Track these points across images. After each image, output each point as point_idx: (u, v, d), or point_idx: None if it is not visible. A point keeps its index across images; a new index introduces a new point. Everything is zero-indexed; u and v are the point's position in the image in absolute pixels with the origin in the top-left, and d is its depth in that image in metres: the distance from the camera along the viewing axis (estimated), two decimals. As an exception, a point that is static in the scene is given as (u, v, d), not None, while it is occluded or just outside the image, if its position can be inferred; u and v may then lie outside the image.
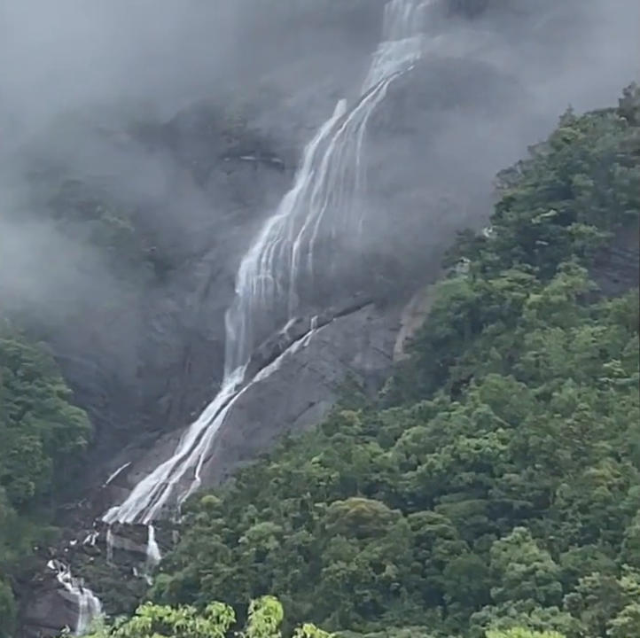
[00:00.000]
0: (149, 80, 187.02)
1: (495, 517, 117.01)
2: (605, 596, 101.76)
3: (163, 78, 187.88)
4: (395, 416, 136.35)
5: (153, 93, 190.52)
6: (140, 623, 22.76)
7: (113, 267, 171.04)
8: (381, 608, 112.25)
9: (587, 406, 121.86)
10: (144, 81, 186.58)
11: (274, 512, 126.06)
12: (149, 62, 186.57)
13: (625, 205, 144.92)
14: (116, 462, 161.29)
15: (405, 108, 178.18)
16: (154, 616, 22.85)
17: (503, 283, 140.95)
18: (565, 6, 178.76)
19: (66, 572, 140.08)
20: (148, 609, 23.09)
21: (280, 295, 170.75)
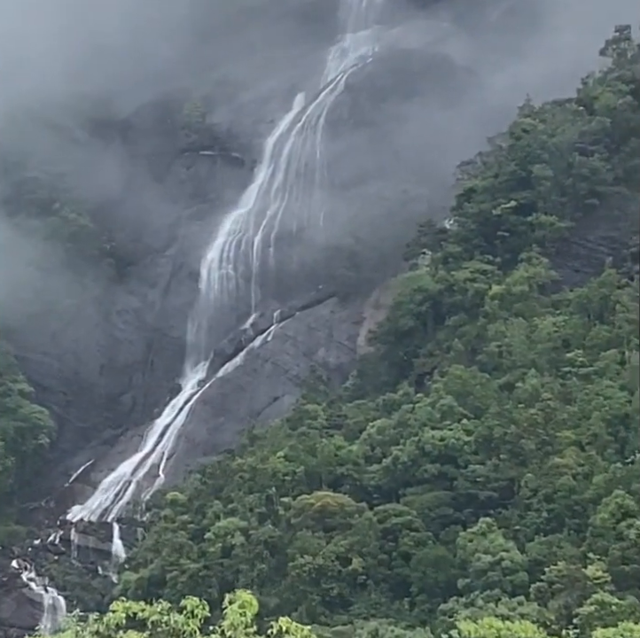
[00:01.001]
0: (104, 75, 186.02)
1: (461, 508, 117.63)
2: (571, 585, 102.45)
3: (119, 73, 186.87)
4: (360, 409, 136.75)
5: (109, 89, 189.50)
6: (114, 619, 22.76)
7: (72, 264, 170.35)
8: (348, 601, 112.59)
9: (550, 396, 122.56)
10: (99, 76, 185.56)
11: (239, 508, 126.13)
12: (103, 57, 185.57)
13: (585, 194, 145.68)
14: (79, 460, 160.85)
15: (364, 101, 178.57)
16: (128, 612, 22.88)
17: (464, 275, 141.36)
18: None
19: (30, 572, 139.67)
20: (122, 605, 23.09)
21: (242, 290, 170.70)
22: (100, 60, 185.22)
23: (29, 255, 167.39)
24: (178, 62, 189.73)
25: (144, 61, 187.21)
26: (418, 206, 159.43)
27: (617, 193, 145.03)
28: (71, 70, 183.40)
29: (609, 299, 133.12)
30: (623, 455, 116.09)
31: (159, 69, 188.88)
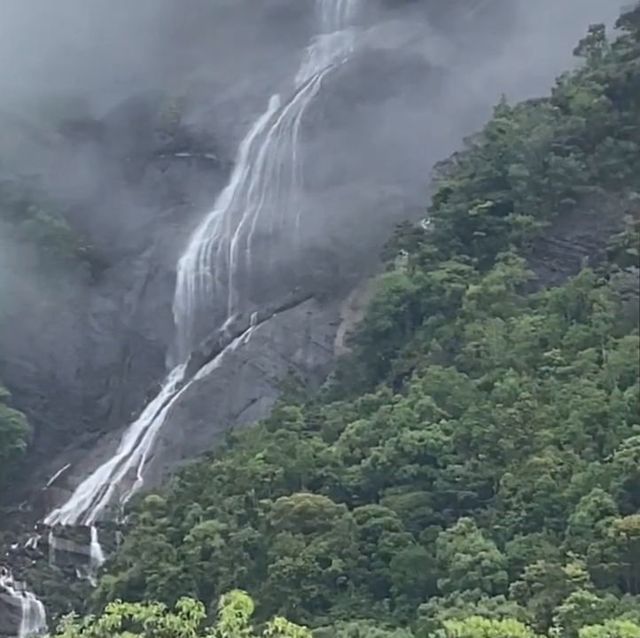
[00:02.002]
0: (77, 77, 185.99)
1: (440, 508, 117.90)
2: (551, 584, 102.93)
3: (92, 75, 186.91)
4: (338, 410, 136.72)
5: (83, 90, 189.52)
6: (110, 621, 22.94)
7: (48, 266, 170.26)
8: (328, 602, 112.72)
9: (528, 395, 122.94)
10: (71, 77, 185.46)
11: (218, 510, 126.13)
12: (75, 58, 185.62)
13: (560, 194, 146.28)
14: (56, 463, 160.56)
15: (339, 102, 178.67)
16: (124, 613, 23.05)
17: (442, 275, 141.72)
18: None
19: (8, 576, 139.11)
20: (117, 606, 23.24)
21: (219, 292, 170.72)
22: (72, 61, 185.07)
23: (4, 258, 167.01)
24: (152, 63, 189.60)
25: (117, 62, 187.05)
26: (395, 206, 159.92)
27: (593, 193, 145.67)
28: (42, 71, 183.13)
29: (586, 299, 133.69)
30: (601, 454, 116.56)
31: (132, 70, 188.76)
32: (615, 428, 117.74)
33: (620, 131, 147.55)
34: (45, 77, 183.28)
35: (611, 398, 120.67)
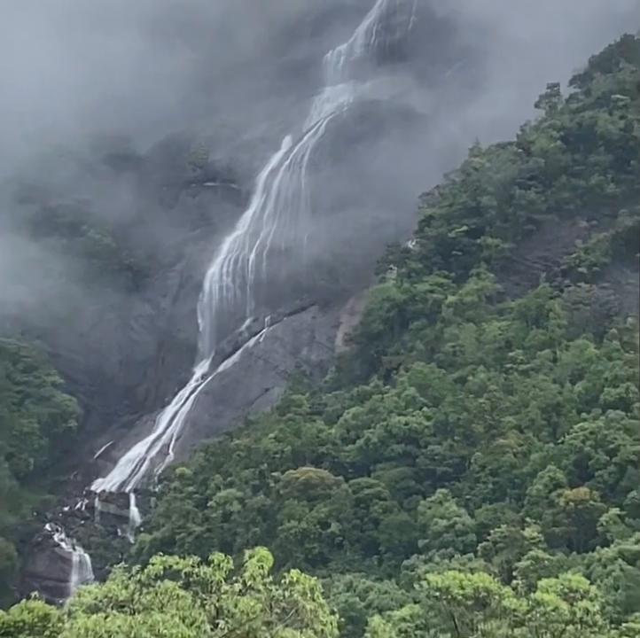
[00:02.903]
0: (122, 119, 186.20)
1: (421, 481, 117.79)
2: (512, 544, 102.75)
3: (134, 117, 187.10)
4: (337, 398, 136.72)
5: (126, 130, 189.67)
6: (153, 570, 22.85)
7: (97, 276, 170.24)
8: (327, 558, 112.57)
9: (495, 388, 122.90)
10: (117, 119, 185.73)
11: (236, 480, 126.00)
12: (120, 104, 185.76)
13: (523, 221, 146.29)
14: (102, 440, 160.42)
15: (341, 142, 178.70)
16: (165, 565, 22.95)
17: (425, 287, 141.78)
18: (470, 57, 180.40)
19: (61, 533, 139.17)
20: (160, 558, 23.16)
21: (239, 299, 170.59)
22: (116, 105, 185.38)
23: (60, 269, 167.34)
24: (184, 109, 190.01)
25: (155, 107, 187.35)
26: (386, 229, 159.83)
27: (550, 220, 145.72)
28: (91, 113, 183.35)
29: (543, 308, 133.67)
30: (555, 437, 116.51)
31: (168, 114, 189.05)
32: (567, 416, 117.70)
33: (572, 170, 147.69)
34: (94, 118, 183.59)
35: (563, 391, 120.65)
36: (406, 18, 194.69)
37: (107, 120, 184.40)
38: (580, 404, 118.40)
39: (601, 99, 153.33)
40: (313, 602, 22.21)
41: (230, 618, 22.20)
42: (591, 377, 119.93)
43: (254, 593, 22.34)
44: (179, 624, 21.22)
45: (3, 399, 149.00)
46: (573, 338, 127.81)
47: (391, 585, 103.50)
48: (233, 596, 22.34)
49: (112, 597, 22.75)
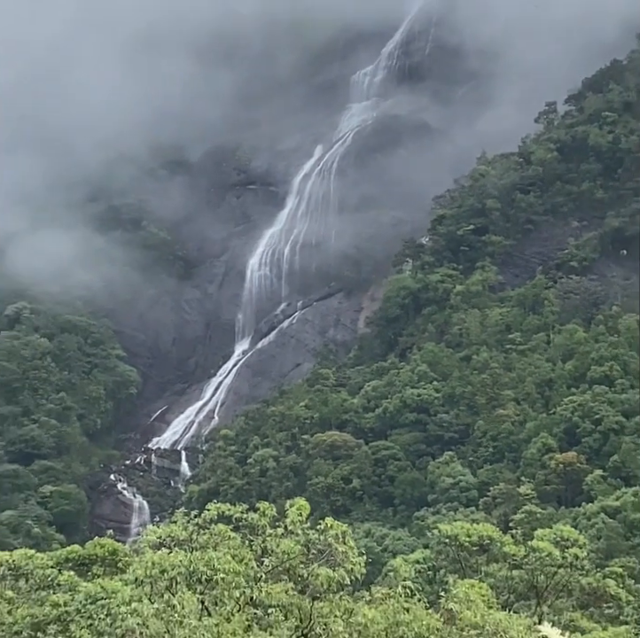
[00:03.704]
0: (176, 130, 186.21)
1: (431, 444, 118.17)
2: (509, 499, 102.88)
3: (186, 129, 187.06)
4: (359, 373, 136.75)
5: (180, 139, 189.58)
6: (209, 515, 23.04)
7: (154, 265, 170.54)
8: (349, 509, 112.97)
9: (496, 365, 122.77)
10: (172, 130, 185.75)
11: (272, 441, 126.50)
12: (174, 116, 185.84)
13: (523, 221, 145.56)
14: (157, 405, 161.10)
15: (365, 151, 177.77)
16: (219, 511, 23.13)
17: (436, 278, 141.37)
18: (478, 79, 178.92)
19: (123, 483, 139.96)
20: (214, 505, 23.31)
21: (275, 286, 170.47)
22: (171, 118, 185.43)
23: (124, 259, 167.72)
24: (229, 121, 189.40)
25: (204, 120, 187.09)
26: (403, 227, 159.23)
27: (546, 221, 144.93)
28: (149, 125, 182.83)
29: (539, 297, 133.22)
30: (547, 408, 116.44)
31: (215, 126, 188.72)
32: (558, 390, 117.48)
33: (566, 178, 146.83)
34: (152, 129, 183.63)
35: (555, 368, 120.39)
36: (423, 44, 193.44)
37: (163, 131, 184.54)
38: (569, 380, 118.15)
39: (592, 116, 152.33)
40: (344, 545, 22.32)
41: (273, 557, 22.39)
42: (580, 357, 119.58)
43: (294, 536, 22.48)
44: (230, 560, 21.41)
45: (75, 368, 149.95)
46: (565, 323, 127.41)
47: (404, 533, 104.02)
48: (276, 539, 22.48)
49: (174, 537, 22.97)
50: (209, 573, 21.11)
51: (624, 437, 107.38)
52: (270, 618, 21.56)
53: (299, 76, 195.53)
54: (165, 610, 19.73)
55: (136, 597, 20.99)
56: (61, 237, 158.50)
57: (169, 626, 19.41)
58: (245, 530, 23.10)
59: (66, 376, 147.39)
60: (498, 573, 31.75)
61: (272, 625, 21.39)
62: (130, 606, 20.47)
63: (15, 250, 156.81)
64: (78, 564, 31.14)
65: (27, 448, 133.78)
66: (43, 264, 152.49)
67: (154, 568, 21.07)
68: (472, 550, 33.23)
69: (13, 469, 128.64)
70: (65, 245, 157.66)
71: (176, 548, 22.33)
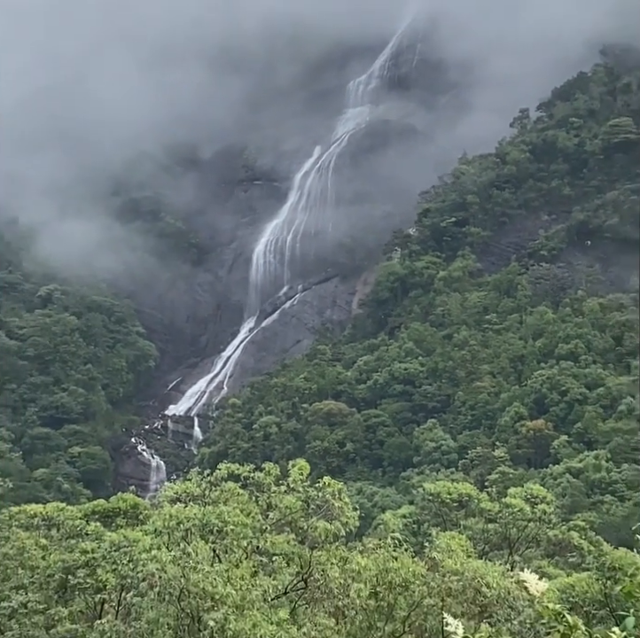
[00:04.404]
0: (190, 130, 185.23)
1: (416, 413, 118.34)
2: (485, 462, 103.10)
3: (199, 130, 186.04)
4: (352, 349, 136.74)
5: (193, 138, 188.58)
6: (220, 474, 23.06)
7: (170, 252, 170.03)
8: (343, 470, 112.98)
9: (474, 342, 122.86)
10: (186, 131, 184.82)
11: (275, 409, 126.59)
12: (189, 118, 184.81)
13: (499, 214, 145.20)
14: (173, 376, 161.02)
15: (359, 152, 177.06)
16: (229, 470, 23.11)
17: (422, 264, 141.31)
18: (459, 88, 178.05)
19: (143, 445, 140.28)
20: (224, 465, 23.30)
21: (278, 271, 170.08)
22: (186, 120, 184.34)
23: (143, 246, 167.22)
24: (238, 124, 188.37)
25: (215, 122, 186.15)
26: (393, 219, 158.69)
27: (519, 214, 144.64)
28: (166, 126, 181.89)
29: (513, 282, 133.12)
30: (519, 381, 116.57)
31: (225, 128, 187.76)
32: (529, 365, 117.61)
33: (537, 176, 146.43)
34: (168, 130, 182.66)
35: (527, 346, 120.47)
36: (411, 57, 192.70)
37: (178, 132, 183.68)
38: (539, 356, 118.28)
39: (561, 121, 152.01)
40: (340, 501, 22.35)
41: (277, 511, 22.40)
42: (548, 336, 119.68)
43: (295, 493, 22.49)
44: (239, 514, 21.44)
45: (100, 343, 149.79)
46: (536, 305, 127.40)
47: (391, 491, 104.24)
48: (279, 495, 22.51)
49: (189, 493, 23.01)
50: (220, 525, 21.14)
51: (587, 406, 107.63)
52: (274, 565, 21.65)
53: (299, 84, 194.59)
54: (181, 557, 19.79)
55: (156, 546, 21.05)
56: (87, 226, 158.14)
57: (185, 571, 19.46)
58: (252, 487, 23.09)
59: (92, 350, 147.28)
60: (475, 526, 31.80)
61: (276, 571, 21.48)
62: (150, 553, 20.50)
63: (46, 237, 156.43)
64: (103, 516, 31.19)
65: (58, 414, 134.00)
66: (71, 250, 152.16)
67: (171, 520, 21.10)
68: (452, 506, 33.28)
69: (45, 432, 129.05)
70: (90, 233, 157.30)
71: (191, 503, 22.35)
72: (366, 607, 20.18)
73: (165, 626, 19.69)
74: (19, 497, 74.70)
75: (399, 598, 20.29)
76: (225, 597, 19.00)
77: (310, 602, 21.38)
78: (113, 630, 21.13)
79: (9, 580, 26.44)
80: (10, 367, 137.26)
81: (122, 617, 22.82)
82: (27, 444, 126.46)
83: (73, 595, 26.59)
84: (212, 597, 19.08)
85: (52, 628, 25.09)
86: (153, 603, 19.87)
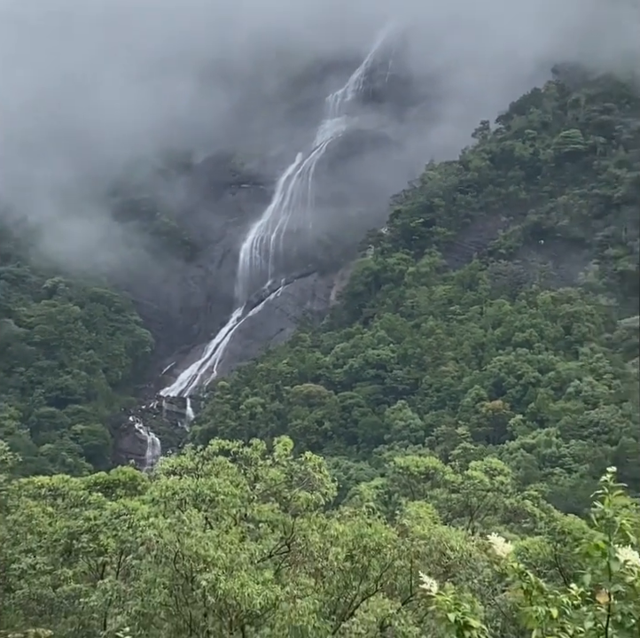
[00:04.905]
0: (184, 137, 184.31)
1: (387, 394, 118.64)
2: (448, 438, 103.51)
3: (192, 137, 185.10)
4: (330, 337, 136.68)
5: (187, 145, 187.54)
6: (212, 449, 23.05)
7: (165, 248, 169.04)
8: (322, 446, 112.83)
9: (440, 331, 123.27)
10: (180, 137, 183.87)
11: (260, 391, 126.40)
12: (183, 126, 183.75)
13: (462, 216, 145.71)
14: (167, 361, 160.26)
15: (336, 158, 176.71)
16: (220, 445, 23.10)
17: (393, 261, 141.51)
18: (427, 101, 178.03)
19: (140, 423, 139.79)
20: (216, 441, 23.27)
21: (263, 266, 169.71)
22: (180, 127, 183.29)
23: (140, 243, 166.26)
24: (227, 132, 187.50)
25: (207, 130, 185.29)
26: (367, 219, 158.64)
27: (480, 216, 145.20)
28: (161, 132, 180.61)
29: (475, 277, 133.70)
30: (480, 366, 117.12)
31: (215, 136, 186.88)
32: (489, 351, 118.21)
33: (496, 182, 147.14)
34: (163, 137, 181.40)
35: (487, 334, 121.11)
36: (384, 72, 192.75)
37: (172, 139, 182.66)
38: (498, 343, 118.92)
39: (517, 133, 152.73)
40: (320, 473, 22.42)
41: (263, 482, 22.45)
42: (506, 325, 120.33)
43: (280, 466, 22.54)
44: (229, 485, 21.46)
45: (102, 330, 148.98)
46: (495, 298, 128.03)
47: (365, 464, 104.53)
48: (265, 468, 22.53)
49: (183, 466, 22.99)
50: (211, 495, 21.16)
51: (539, 389, 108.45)
52: (260, 531, 21.70)
53: (283, 96, 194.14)
54: (176, 524, 19.82)
55: (153, 513, 21.06)
56: (88, 224, 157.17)
57: (179, 536, 19.50)
58: (240, 461, 23.09)
59: (94, 337, 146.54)
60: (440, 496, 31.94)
61: (262, 536, 21.53)
62: (148, 520, 20.52)
63: (51, 235, 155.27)
64: (104, 487, 31.14)
65: (62, 395, 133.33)
66: (74, 246, 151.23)
67: (168, 491, 21.11)
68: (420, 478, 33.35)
69: (51, 411, 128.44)
70: (91, 231, 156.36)
71: (185, 475, 22.34)
72: (343, 568, 20.32)
73: (161, 585, 19.75)
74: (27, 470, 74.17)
75: (372, 560, 20.45)
76: (216, 560, 19.07)
77: (293, 564, 21.49)
78: (114, 589, 21.16)
79: (19, 544, 26.46)
80: (18, 352, 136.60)
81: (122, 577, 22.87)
82: (34, 422, 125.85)
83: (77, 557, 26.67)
84: (204, 560, 19.14)
85: (58, 587, 25.17)
86: (151, 565, 19.92)
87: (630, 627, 4.54)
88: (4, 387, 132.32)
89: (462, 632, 4.93)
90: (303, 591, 19.65)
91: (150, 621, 19.82)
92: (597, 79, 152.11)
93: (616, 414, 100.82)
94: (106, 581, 21.89)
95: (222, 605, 18.65)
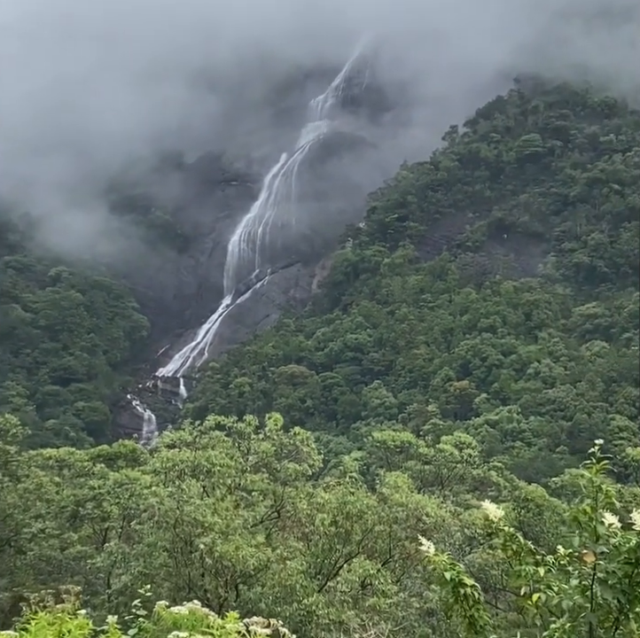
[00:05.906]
0: (176, 139, 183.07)
1: (365, 375, 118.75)
2: (420, 415, 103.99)
3: (184, 139, 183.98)
4: (312, 322, 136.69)
5: (179, 146, 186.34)
6: (208, 424, 23.06)
7: (160, 240, 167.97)
8: (304, 422, 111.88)
9: (413, 318, 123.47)
10: (173, 139, 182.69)
11: (248, 372, 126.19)
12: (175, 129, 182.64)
13: (433, 212, 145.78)
14: (162, 344, 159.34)
15: (318, 158, 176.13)
16: (216, 421, 23.10)
17: (370, 252, 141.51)
18: (400, 106, 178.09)
19: (137, 401, 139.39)
20: (213, 417, 23.27)
21: (251, 257, 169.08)
22: (173, 130, 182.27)
23: (137, 235, 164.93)
24: (217, 134, 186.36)
25: (198, 132, 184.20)
26: (346, 215, 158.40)
27: (450, 212, 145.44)
28: (156, 135, 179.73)
29: (444, 268, 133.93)
30: (449, 349, 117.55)
31: (206, 137, 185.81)
32: (457, 336, 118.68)
33: (464, 181, 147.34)
34: (158, 138, 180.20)
35: (455, 320, 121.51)
36: (361, 80, 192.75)
37: (166, 139, 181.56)
38: (465, 329, 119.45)
39: (483, 136, 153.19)
40: (308, 446, 22.49)
41: (255, 455, 22.46)
42: (472, 312, 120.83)
43: (271, 440, 22.57)
44: (224, 457, 21.49)
45: (102, 316, 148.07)
46: (462, 287, 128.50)
47: (344, 439, 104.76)
48: (258, 442, 22.58)
49: (182, 440, 22.99)
50: (208, 466, 21.17)
51: (502, 370, 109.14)
52: (253, 499, 21.73)
53: (268, 101, 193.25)
54: (176, 493, 19.80)
55: (155, 483, 21.04)
56: (88, 218, 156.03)
57: (179, 503, 19.49)
58: (234, 435, 23.11)
59: (95, 321, 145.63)
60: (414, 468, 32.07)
61: (254, 504, 21.57)
62: (151, 489, 20.50)
63: (54, 227, 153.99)
64: (107, 459, 31.09)
65: (66, 374, 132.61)
66: (75, 238, 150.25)
67: (168, 462, 21.10)
68: (395, 451, 33.47)
69: (55, 389, 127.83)
70: (91, 224, 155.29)
71: (184, 448, 22.32)
72: (328, 533, 20.40)
73: (162, 548, 19.76)
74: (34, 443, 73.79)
75: (355, 526, 20.54)
76: (213, 525, 19.09)
77: (282, 529, 21.55)
78: (118, 551, 21.14)
79: (29, 511, 26.43)
80: (25, 335, 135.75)
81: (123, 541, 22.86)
82: (39, 399, 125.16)
83: (82, 523, 26.72)
84: (202, 525, 19.15)
85: (65, 550, 25.22)
86: (152, 530, 19.92)
87: (613, 584, 4.61)
88: (12, 367, 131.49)
89: (457, 589, 4.96)
90: (292, 553, 19.73)
91: (151, 581, 19.83)
92: (554, 88, 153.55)
93: (571, 393, 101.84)
94: (112, 544, 21.91)
95: (218, 566, 18.70)
